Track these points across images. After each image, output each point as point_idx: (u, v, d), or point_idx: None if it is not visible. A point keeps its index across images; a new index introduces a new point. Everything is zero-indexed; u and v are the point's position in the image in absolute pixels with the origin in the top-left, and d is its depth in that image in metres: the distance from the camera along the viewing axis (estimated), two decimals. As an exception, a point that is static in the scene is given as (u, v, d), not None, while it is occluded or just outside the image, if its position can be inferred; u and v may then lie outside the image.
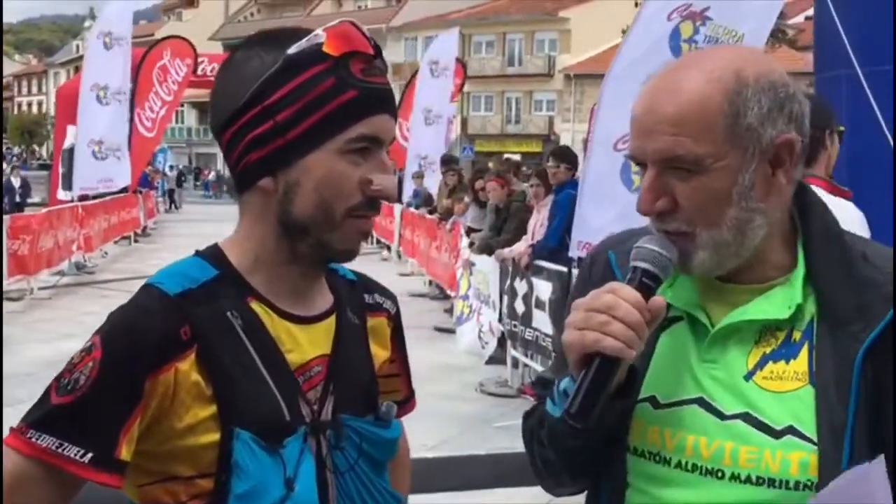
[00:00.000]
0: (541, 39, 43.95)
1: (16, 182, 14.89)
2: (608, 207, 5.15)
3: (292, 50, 1.03)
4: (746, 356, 1.10)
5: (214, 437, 1.01)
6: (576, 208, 5.36)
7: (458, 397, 6.40)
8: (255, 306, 1.07)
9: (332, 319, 1.14)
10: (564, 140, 38.52)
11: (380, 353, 1.23)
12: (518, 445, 4.78)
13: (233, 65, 1.08)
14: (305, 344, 1.10)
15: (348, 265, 1.19)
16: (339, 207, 1.05)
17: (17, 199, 14.88)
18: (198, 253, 1.11)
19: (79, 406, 0.97)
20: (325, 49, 1.03)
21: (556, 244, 6.27)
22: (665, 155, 1.05)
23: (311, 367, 1.10)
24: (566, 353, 1.06)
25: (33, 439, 0.96)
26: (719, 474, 1.08)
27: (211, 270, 1.07)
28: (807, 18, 26.31)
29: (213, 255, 1.10)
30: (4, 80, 74.59)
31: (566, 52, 42.32)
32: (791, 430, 1.06)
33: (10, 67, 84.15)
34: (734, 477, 1.07)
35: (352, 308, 1.19)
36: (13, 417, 4.15)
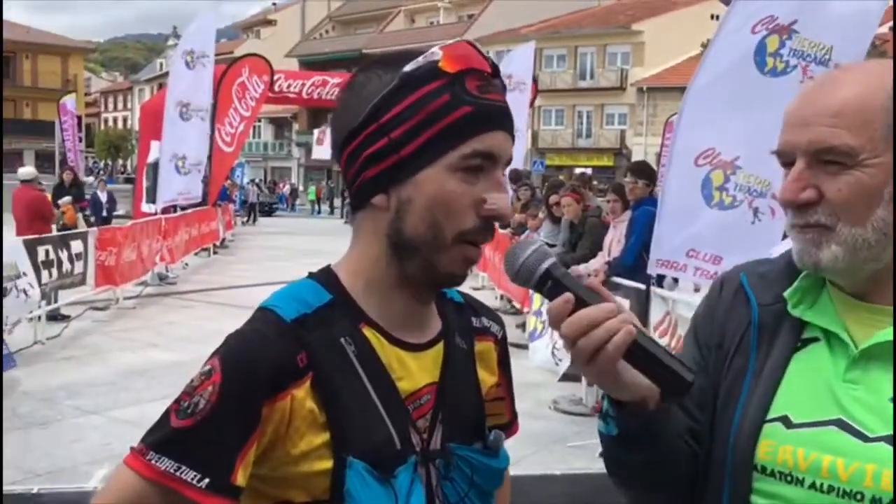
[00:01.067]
0: (613, 52, 43.54)
1: (102, 196, 15.27)
2: (689, 224, 5.06)
3: (408, 67, 1.04)
4: (892, 378, 1.07)
5: (327, 464, 1.01)
6: (655, 225, 5.27)
7: (531, 415, 6.34)
8: (368, 332, 1.07)
9: (440, 346, 1.13)
10: (636, 154, 38.01)
11: (487, 378, 1.21)
12: (594, 465, 4.74)
13: (353, 86, 1.09)
14: (416, 371, 1.09)
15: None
16: (449, 229, 1.04)
17: (105, 213, 15.18)
18: (311, 275, 1.12)
19: (199, 430, 0.97)
20: (441, 66, 1.03)
21: (632, 261, 6.18)
22: (819, 146, 1.05)
23: (422, 395, 1.09)
24: (602, 382, 1.02)
25: (153, 461, 0.97)
26: (858, 497, 1.05)
27: (325, 295, 1.07)
28: (890, 28, 25.41)
29: (326, 278, 1.10)
30: (93, 97, 77.76)
31: (639, 66, 41.82)
32: None
33: (98, 84, 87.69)
34: (875, 500, 1.04)
35: (460, 332, 1.18)
36: (103, 424, 4.30)
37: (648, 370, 0.98)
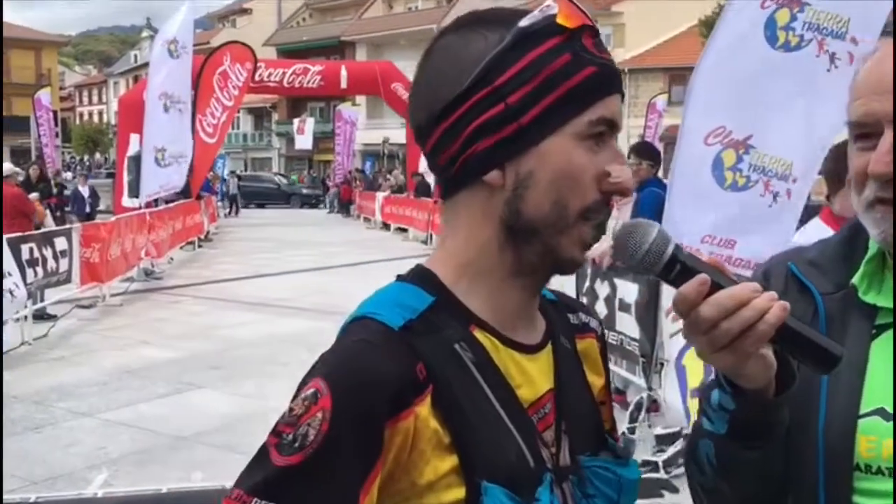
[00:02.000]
0: (594, 35, 43.47)
1: (84, 191, 14.75)
2: (701, 205, 4.92)
3: (524, 22, 0.90)
4: None
5: (459, 493, 0.85)
6: (665, 207, 5.14)
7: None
8: (479, 335, 0.92)
9: (549, 347, 1.00)
10: (620, 135, 37.91)
11: (595, 380, 1.08)
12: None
13: (444, 50, 0.93)
14: (535, 376, 0.95)
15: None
16: (574, 206, 0.90)
17: (88, 208, 14.59)
18: (401, 277, 0.96)
19: (312, 466, 0.80)
20: (559, 21, 0.90)
21: (637, 245, 6.05)
22: None
23: (543, 403, 0.95)
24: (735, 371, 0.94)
25: None
26: None
27: (426, 297, 0.92)
28: None
29: (422, 277, 0.95)
30: (67, 91, 76.77)
31: (620, 47, 41.71)
32: None
33: (72, 78, 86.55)
34: None
35: (562, 331, 1.04)
36: (97, 426, 4.10)
37: (796, 348, 0.92)
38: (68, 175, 27.54)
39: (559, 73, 0.89)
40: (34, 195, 12.86)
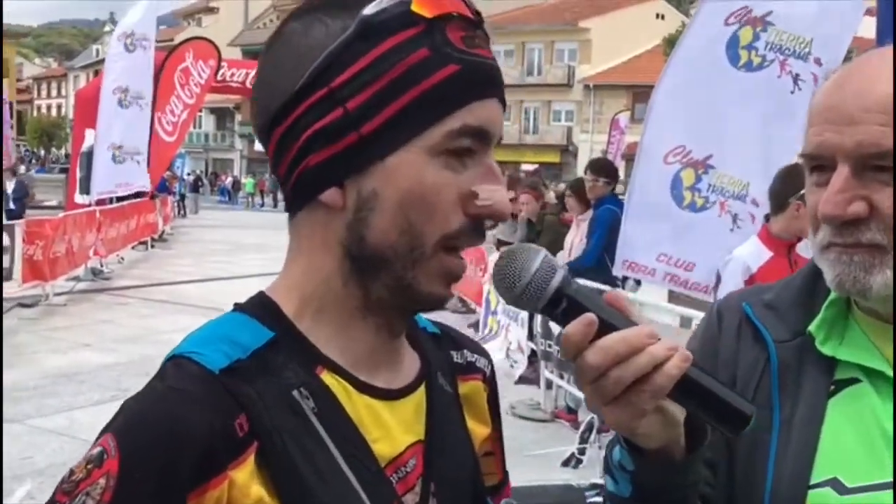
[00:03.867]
0: (560, 49, 43.79)
1: (10, 186, 12.78)
2: (658, 224, 4.86)
3: (369, 9, 0.73)
4: None
5: None
6: (621, 225, 5.06)
7: (488, 420, 6.11)
8: (328, 378, 0.76)
9: (421, 391, 0.84)
10: (582, 151, 38.28)
11: (478, 429, 0.92)
12: (552, 477, 4.47)
13: (284, 39, 0.78)
14: (395, 428, 0.79)
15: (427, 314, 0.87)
16: (430, 233, 0.75)
17: (12, 205, 12.54)
18: (239, 307, 0.80)
19: None
20: (414, 8, 0.74)
21: (592, 263, 5.97)
22: (870, 149, 0.86)
23: (405, 460, 0.79)
24: (625, 426, 0.79)
25: None
26: None
27: (263, 332, 0.76)
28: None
29: (261, 308, 0.78)
30: (24, 83, 75.20)
31: (586, 63, 42.12)
32: None
33: (31, 70, 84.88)
34: None
35: (441, 371, 0.88)
36: (22, 434, 3.83)
37: (697, 406, 0.78)
38: (22, 168, 26.79)
39: (411, 72, 0.73)
40: None
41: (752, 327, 1.00)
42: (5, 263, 9.16)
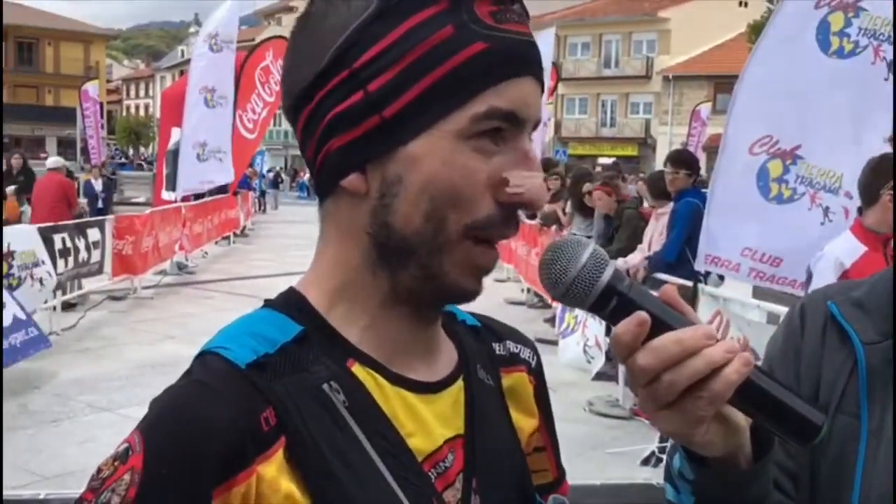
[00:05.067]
0: (639, 40, 42.97)
1: (97, 185, 12.80)
2: (742, 217, 4.69)
3: None
4: None
5: None
6: (704, 219, 4.91)
7: (565, 418, 6.01)
8: (359, 371, 0.74)
9: (459, 384, 0.80)
10: (661, 143, 37.49)
11: (524, 422, 0.88)
12: (636, 474, 4.37)
13: (309, 21, 0.75)
14: (431, 422, 0.76)
15: (467, 307, 0.84)
16: (455, 221, 0.72)
17: (101, 204, 12.52)
18: (269, 303, 0.78)
19: None
20: None
21: (673, 258, 5.83)
22: None
23: (444, 455, 0.76)
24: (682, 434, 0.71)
25: None
26: None
27: (292, 326, 0.74)
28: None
29: (290, 303, 0.76)
30: (114, 84, 78.13)
31: (665, 54, 41.23)
32: None
33: (120, 71, 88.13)
34: None
35: (482, 364, 0.85)
36: (115, 422, 3.97)
37: (762, 414, 0.70)
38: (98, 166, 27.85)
39: (434, 52, 0.69)
40: (10, 188, 11.72)
41: (839, 327, 0.93)
42: (95, 258, 9.51)
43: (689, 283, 5.35)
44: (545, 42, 14.56)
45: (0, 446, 4.25)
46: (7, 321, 5.61)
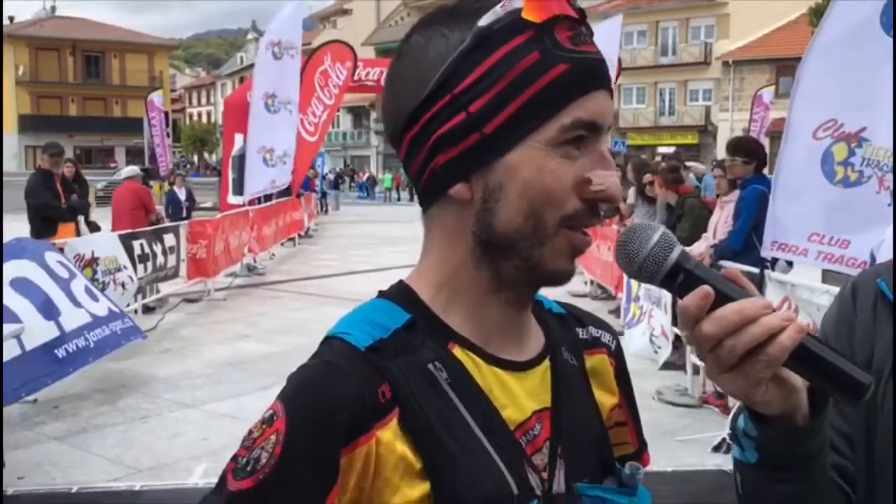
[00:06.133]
0: (696, 26, 42.18)
1: (181, 194, 13.28)
2: (808, 203, 4.69)
3: (484, 20, 0.82)
4: None
5: None
6: (769, 205, 4.92)
7: (634, 406, 6.07)
8: (459, 353, 0.87)
9: (546, 363, 0.93)
10: (722, 130, 36.80)
11: (606, 399, 0.99)
12: (706, 461, 4.43)
13: (409, 52, 0.87)
14: (522, 396, 0.89)
15: (552, 295, 0.96)
16: (551, 216, 0.84)
17: (184, 213, 12.83)
18: (382, 294, 0.92)
19: (263, 492, 0.77)
20: (524, 15, 0.81)
21: (739, 246, 5.81)
22: None
23: (532, 424, 0.88)
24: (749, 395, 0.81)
25: None
26: None
27: (402, 314, 0.87)
28: None
29: (400, 294, 0.90)
30: (177, 93, 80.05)
31: (724, 38, 40.39)
32: None
33: (182, 80, 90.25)
34: None
35: (566, 347, 0.97)
36: (200, 418, 4.20)
37: (816, 375, 0.80)
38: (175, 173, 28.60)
39: (524, 75, 0.81)
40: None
41: (888, 304, 1.00)
42: (171, 262, 9.88)
43: (756, 270, 5.34)
44: (612, 32, 14.19)
45: (0, 447, 4.50)
46: (104, 312, 5.91)
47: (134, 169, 11.31)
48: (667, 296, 6.86)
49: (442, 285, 0.89)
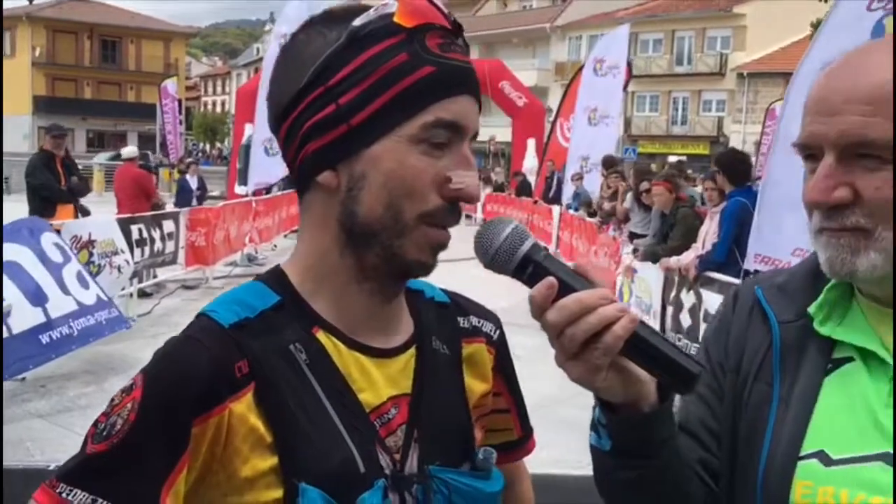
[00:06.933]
0: (713, 37, 42.10)
1: (192, 182, 13.27)
2: (794, 217, 4.70)
3: (358, 21, 0.89)
4: None
5: (277, 493, 0.86)
6: (754, 217, 4.94)
7: (572, 405, 6.09)
8: (322, 337, 0.92)
9: (412, 351, 0.98)
10: (734, 142, 36.73)
11: (476, 385, 1.04)
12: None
13: (292, 48, 0.94)
14: (380, 381, 0.94)
15: (439, 283, 1.01)
16: (410, 210, 0.89)
17: (195, 201, 12.76)
18: (259, 277, 0.98)
19: (115, 455, 0.82)
20: (396, 20, 0.88)
21: (722, 258, 5.85)
22: (853, 139, 0.91)
23: (387, 409, 0.94)
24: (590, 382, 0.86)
25: (63, 494, 0.82)
26: None
27: (271, 296, 0.93)
28: None
29: (273, 277, 0.96)
30: (193, 81, 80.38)
31: (740, 50, 40.31)
32: None
33: (198, 69, 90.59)
34: None
35: (441, 336, 1.02)
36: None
37: (648, 364, 0.85)
38: (187, 161, 28.73)
39: (392, 73, 0.87)
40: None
41: (761, 309, 1.05)
42: (170, 248, 9.95)
43: (738, 281, 5.36)
44: (619, 40, 14.29)
45: (0, 434, 4.60)
46: (91, 301, 5.99)
47: (133, 150, 11.35)
48: (656, 304, 6.89)
49: (309, 270, 0.94)
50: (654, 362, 0.84)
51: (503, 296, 3.07)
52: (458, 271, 2.93)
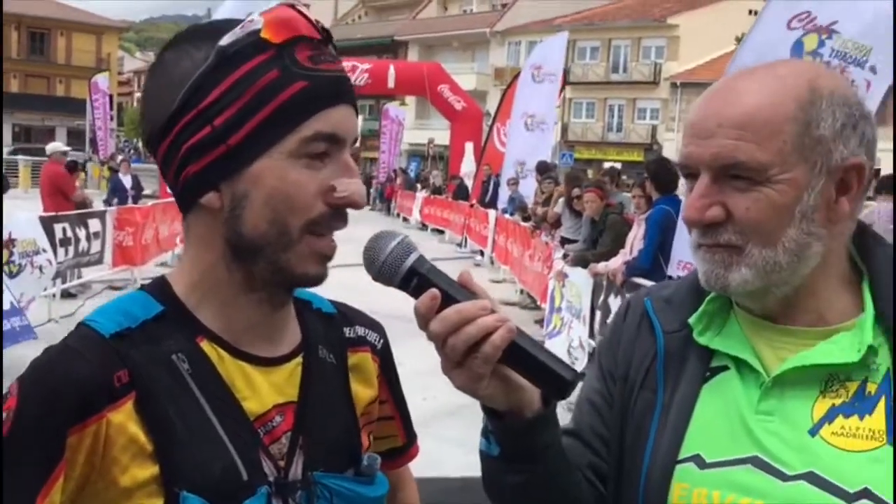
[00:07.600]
0: (647, 46, 43.02)
1: (126, 181, 12.89)
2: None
3: (225, 41, 0.88)
4: (811, 408, 0.97)
5: (157, 502, 0.86)
6: (678, 224, 5.08)
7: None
8: (206, 347, 0.93)
9: (298, 360, 0.99)
10: (667, 150, 37.57)
11: (363, 392, 1.07)
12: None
13: (160, 68, 0.93)
14: (265, 390, 0.95)
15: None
16: (295, 222, 0.90)
17: (130, 200, 12.39)
18: (143, 287, 0.98)
19: None
20: (263, 36, 0.88)
21: (647, 264, 5.99)
22: (724, 161, 0.95)
23: (272, 416, 0.95)
24: (472, 390, 0.90)
25: None
26: None
27: (154, 306, 0.93)
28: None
29: (157, 288, 0.96)
30: (126, 77, 78.49)
31: (673, 60, 41.28)
32: (867, 494, 0.91)
33: (132, 64, 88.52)
34: None
35: (328, 345, 1.04)
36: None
37: (525, 371, 0.89)
38: (119, 158, 28.08)
39: (265, 91, 0.87)
40: None
41: (648, 319, 1.10)
42: (95, 248, 9.70)
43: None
44: (557, 47, 14.48)
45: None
46: (6, 307, 5.81)
47: (57, 145, 11.09)
48: (586, 309, 7.01)
49: (196, 284, 0.95)
50: (530, 370, 0.88)
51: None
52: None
